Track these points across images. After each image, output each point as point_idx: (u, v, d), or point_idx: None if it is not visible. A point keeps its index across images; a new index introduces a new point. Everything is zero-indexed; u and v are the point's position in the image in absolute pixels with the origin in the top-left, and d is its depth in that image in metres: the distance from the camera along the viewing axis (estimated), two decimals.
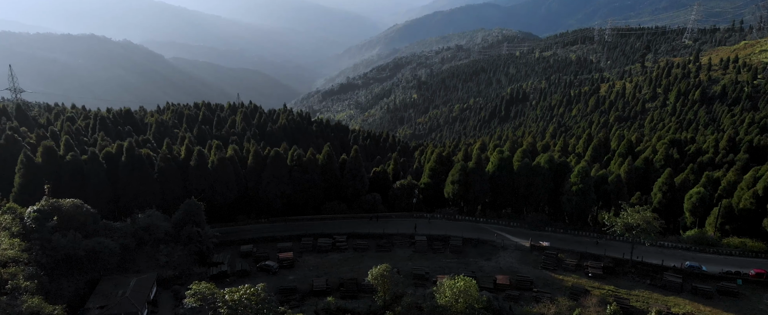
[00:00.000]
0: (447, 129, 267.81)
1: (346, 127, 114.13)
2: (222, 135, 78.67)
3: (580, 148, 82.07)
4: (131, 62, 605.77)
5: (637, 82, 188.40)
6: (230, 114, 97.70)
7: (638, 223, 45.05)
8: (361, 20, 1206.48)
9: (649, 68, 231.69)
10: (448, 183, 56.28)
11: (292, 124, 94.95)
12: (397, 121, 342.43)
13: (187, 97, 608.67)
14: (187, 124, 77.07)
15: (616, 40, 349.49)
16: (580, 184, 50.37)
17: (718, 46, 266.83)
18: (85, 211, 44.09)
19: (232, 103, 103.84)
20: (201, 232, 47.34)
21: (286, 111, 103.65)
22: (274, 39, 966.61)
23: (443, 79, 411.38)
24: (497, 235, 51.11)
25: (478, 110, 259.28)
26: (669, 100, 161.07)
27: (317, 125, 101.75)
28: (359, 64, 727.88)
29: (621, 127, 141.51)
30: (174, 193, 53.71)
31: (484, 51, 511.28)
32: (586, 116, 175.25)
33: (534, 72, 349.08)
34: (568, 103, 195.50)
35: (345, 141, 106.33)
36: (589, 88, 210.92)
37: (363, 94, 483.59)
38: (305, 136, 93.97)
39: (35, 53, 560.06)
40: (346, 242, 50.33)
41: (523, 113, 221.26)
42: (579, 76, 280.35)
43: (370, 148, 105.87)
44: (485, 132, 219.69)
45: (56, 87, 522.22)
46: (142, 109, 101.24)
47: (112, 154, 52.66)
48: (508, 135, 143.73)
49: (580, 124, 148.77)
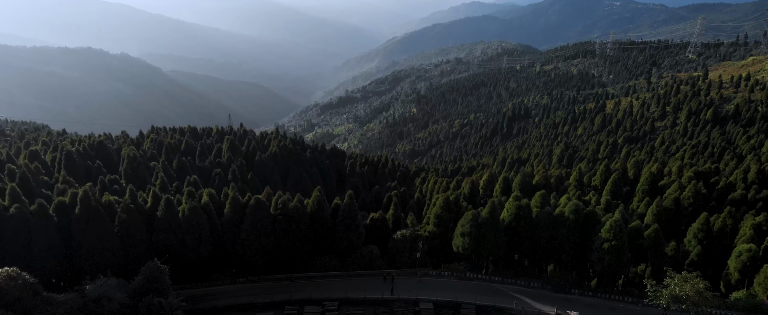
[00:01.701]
0: (447, 145, 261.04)
1: (343, 152, 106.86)
2: (205, 167, 71.29)
3: (597, 181, 74.65)
4: (129, 75, 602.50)
5: (644, 99, 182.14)
6: (217, 140, 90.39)
7: (688, 294, 37.59)
8: (359, 32, 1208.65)
9: (654, 84, 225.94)
10: (458, 235, 48.74)
11: (284, 152, 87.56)
12: (396, 135, 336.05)
13: (185, 109, 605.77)
14: (166, 155, 69.75)
15: (618, 54, 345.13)
16: (614, 241, 42.95)
17: (723, 60, 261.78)
18: (21, 283, 36.48)
19: (220, 128, 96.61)
20: (165, 302, 39.68)
21: (277, 136, 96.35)
22: (272, 51, 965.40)
23: (443, 93, 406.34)
24: (516, 301, 43.47)
25: (479, 127, 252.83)
26: (680, 120, 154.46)
27: (311, 151, 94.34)
28: (358, 76, 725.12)
29: (631, 149, 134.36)
30: (138, 249, 46.18)
31: (484, 64, 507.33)
32: (592, 136, 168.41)
33: (535, 86, 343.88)
34: (573, 121, 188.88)
35: (341, 168, 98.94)
36: (594, 105, 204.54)
37: (362, 108, 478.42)
38: (298, 165, 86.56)
39: (31, 66, 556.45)
40: (338, 310, 42.73)
41: (526, 130, 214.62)
42: (582, 92, 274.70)
43: (368, 175, 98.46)
44: (487, 150, 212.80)
45: (52, 100, 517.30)
46: (123, 135, 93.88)
47: (66, 204, 45.22)
48: (512, 156, 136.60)
49: (587, 146, 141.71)
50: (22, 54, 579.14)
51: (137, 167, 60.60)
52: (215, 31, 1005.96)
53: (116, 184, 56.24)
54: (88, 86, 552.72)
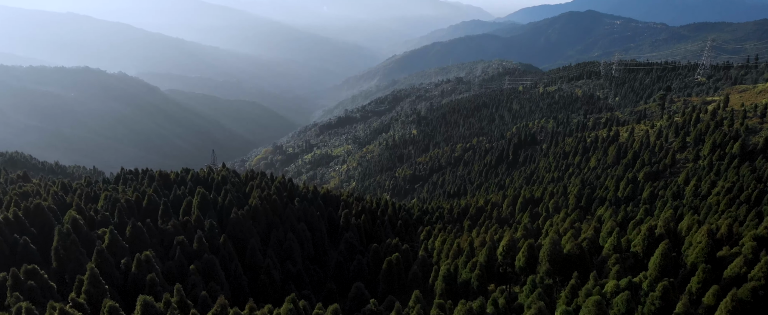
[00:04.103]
0: (449, 172, 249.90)
1: (337, 197, 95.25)
2: (167, 231, 59.72)
3: (638, 246, 62.97)
4: (126, 94, 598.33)
5: (660, 127, 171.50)
6: (191, 189, 78.93)
7: None
8: (359, 50, 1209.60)
9: (667, 108, 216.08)
10: None
11: (267, 204, 75.95)
12: (396, 158, 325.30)
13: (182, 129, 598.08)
14: (120, 217, 58.35)
15: (624, 75, 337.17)
16: None
17: (734, 84, 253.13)
18: None
19: (194, 175, 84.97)
20: None
21: (261, 183, 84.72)
22: (272, 70, 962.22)
23: (444, 114, 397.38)
24: None
25: (483, 153, 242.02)
26: (702, 152, 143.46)
27: (300, 200, 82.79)
28: (358, 95, 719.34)
29: (655, 188, 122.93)
30: None
31: (485, 84, 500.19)
32: (607, 169, 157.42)
33: (539, 108, 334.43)
34: (584, 151, 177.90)
35: (334, 219, 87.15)
36: (606, 132, 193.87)
37: (361, 128, 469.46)
38: (283, 221, 74.93)
39: (26, 86, 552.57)
40: None
41: (534, 159, 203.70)
42: (590, 115, 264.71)
43: (366, 226, 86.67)
44: (493, 179, 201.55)
45: (48, 120, 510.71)
46: (80, 186, 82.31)
47: None
48: (525, 194, 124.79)
49: (605, 183, 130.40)
50: (18, 73, 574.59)
51: (70, 246, 49.05)
52: (214, 49, 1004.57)
53: (34, 276, 43.63)
54: (85, 106, 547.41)
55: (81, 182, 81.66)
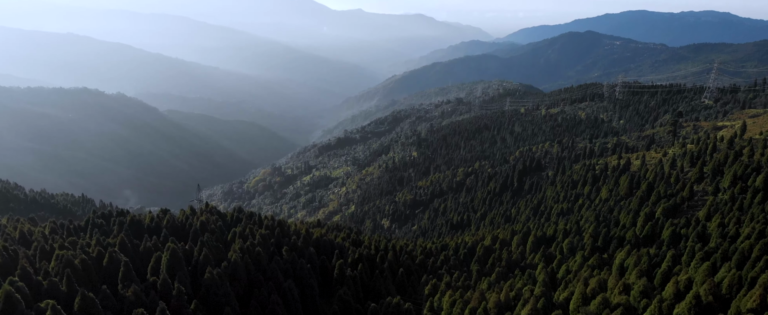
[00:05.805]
0: (451, 198, 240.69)
1: (332, 242, 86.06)
2: (127, 299, 50.81)
3: (681, 310, 53.96)
4: (124, 115, 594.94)
5: (673, 156, 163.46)
6: (166, 238, 70.03)
7: None
8: (359, 70, 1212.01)
9: (677, 132, 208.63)
10: None
11: (250, 257, 66.94)
12: (396, 181, 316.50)
13: (181, 150, 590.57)
14: (68, 285, 49.46)
15: (628, 97, 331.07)
16: None
17: (743, 108, 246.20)
18: None
19: (170, 220, 75.84)
20: None
21: (245, 231, 75.71)
22: (272, 90, 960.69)
23: (444, 136, 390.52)
24: None
25: (486, 179, 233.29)
26: (722, 185, 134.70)
27: (289, 251, 73.70)
28: (358, 115, 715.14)
29: (677, 226, 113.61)
30: None
31: (486, 105, 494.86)
32: (620, 201, 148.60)
33: (541, 131, 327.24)
34: (594, 180, 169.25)
35: (328, 270, 77.91)
36: (616, 159, 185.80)
37: (361, 150, 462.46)
38: (268, 277, 65.86)
39: (24, 107, 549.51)
40: None
41: (540, 187, 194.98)
42: (595, 140, 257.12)
43: (364, 278, 77.38)
44: (498, 209, 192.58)
45: (45, 142, 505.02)
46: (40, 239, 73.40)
47: None
48: (536, 233, 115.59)
49: (622, 220, 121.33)
50: (16, 95, 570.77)
51: None
52: (214, 70, 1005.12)
53: None
54: (82, 127, 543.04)
55: (43, 228, 72.64)
